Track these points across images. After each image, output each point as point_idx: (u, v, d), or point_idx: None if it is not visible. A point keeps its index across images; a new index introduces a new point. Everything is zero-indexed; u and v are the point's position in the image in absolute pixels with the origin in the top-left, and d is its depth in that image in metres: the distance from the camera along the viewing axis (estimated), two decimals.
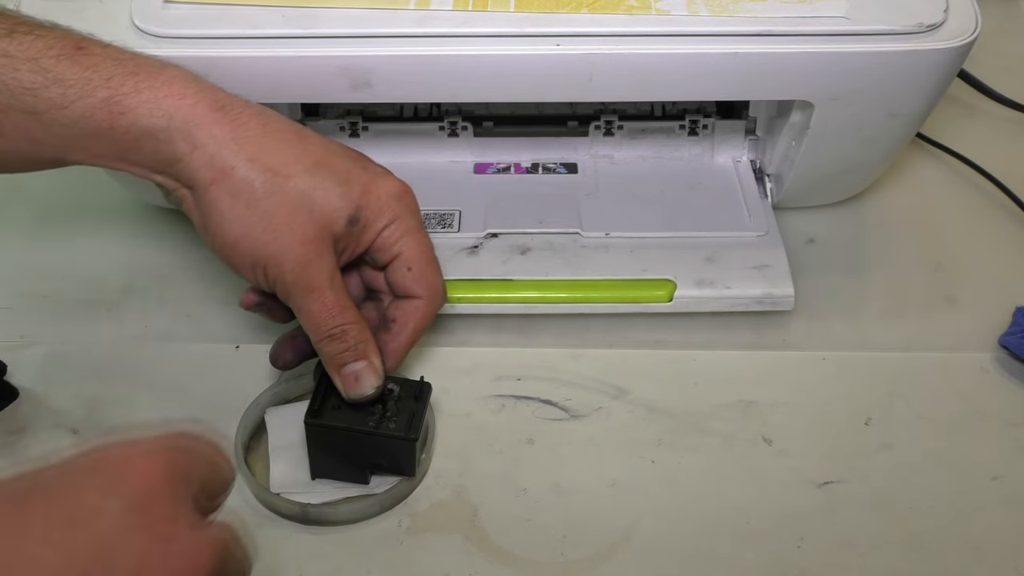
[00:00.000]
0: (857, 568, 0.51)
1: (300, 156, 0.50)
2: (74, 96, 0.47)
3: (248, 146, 0.49)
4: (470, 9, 0.56)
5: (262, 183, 0.49)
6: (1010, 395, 0.59)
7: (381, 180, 0.53)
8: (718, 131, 0.68)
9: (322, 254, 0.50)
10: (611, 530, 0.53)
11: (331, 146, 0.52)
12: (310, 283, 0.50)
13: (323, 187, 0.50)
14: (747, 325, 0.62)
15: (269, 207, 0.49)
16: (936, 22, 0.55)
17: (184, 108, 0.48)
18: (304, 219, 0.50)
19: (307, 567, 0.51)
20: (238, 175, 0.49)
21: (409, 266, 0.54)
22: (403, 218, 0.53)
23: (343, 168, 0.51)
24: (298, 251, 0.49)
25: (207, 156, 0.48)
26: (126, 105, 0.48)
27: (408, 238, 0.53)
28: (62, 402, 0.58)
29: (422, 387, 0.53)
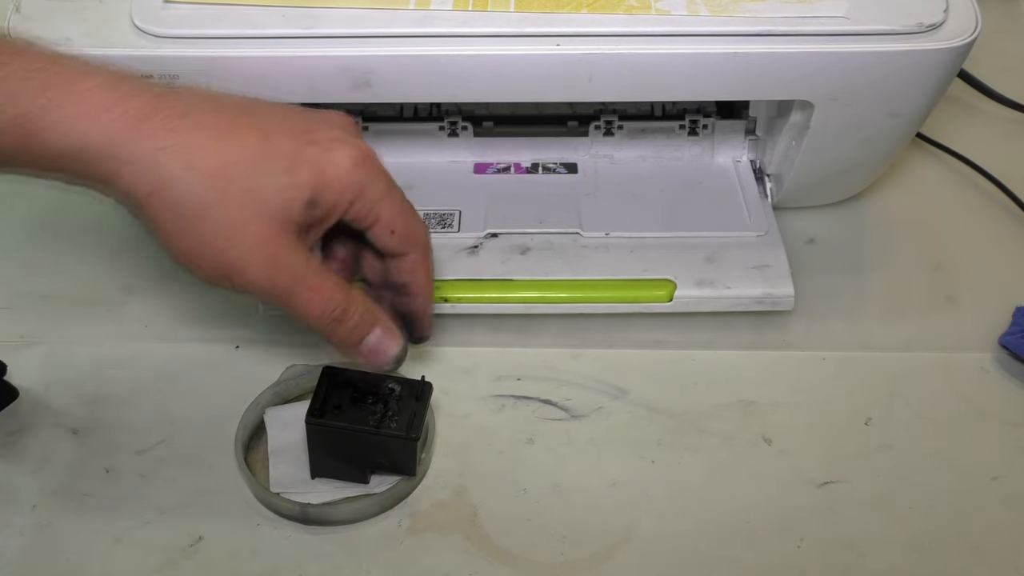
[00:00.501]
0: (857, 568, 0.51)
1: (239, 150, 0.46)
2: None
3: (179, 154, 0.45)
4: (470, 9, 0.56)
5: (203, 191, 0.45)
6: (1010, 395, 0.59)
7: (334, 153, 0.48)
8: (718, 131, 0.68)
9: (288, 248, 0.47)
10: (611, 530, 0.53)
11: (270, 124, 0.48)
12: (286, 282, 0.47)
13: (271, 179, 0.46)
14: (747, 325, 0.62)
15: (218, 215, 0.46)
16: (936, 22, 0.55)
17: (101, 126, 0.44)
18: (259, 218, 0.46)
19: (307, 567, 0.51)
20: (175, 188, 0.45)
21: (392, 229, 0.51)
22: (368, 186, 0.49)
23: (289, 150, 0.47)
24: (261, 254, 0.47)
25: (136, 173, 0.45)
26: (36, 126, 0.43)
27: (381, 203, 0.50)
28: (62, 402, 0.58)
29: (423, 387, 0.53)
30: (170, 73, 0.55)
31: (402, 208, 0.51)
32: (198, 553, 0.51)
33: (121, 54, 0.55)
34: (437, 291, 0.61)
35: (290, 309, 0.49)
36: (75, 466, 0.55)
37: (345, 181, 0.48)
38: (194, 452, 0.55)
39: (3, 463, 0.55)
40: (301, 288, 0.48)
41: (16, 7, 0.56)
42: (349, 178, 0.48)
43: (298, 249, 0.48)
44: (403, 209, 0.51)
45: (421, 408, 0.52)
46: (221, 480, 0.54)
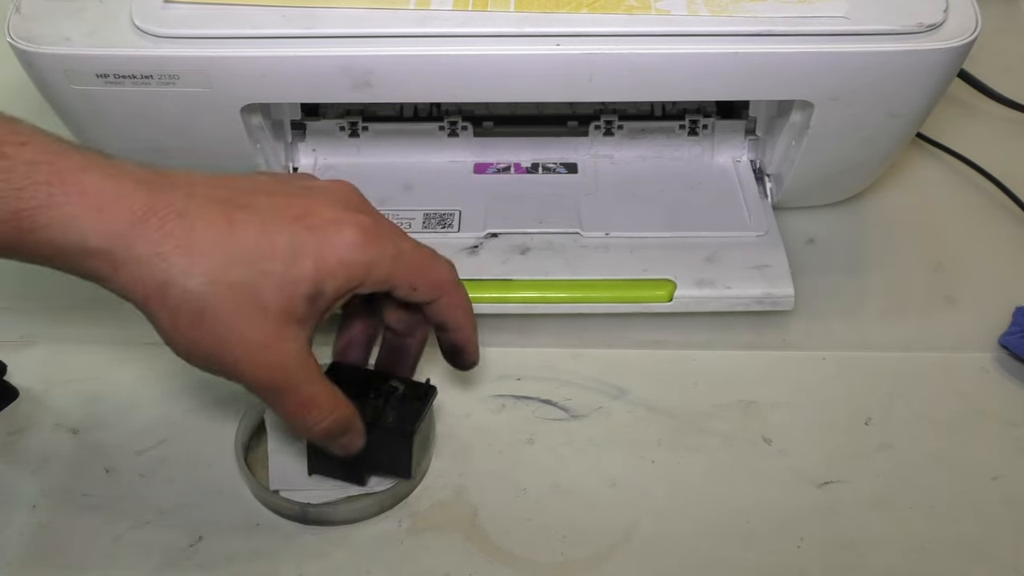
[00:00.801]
0: (857, 568, 0.51)
1: (235, 248, 0.45)
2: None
3: (176, 259, 0.44)
4: (470, 9, 0.56)
5: (200, 296, 0.44)
6: (1010, 395, 0.59)
7: (335, 239, 0.46)
8: (718, 131, 0.68)
9: (285, 351, 0.46)
10: (611, 530, 0.53)
11: (266, 214, 0.46)
12: (279, 387, 0.46)
13: (269, 277, 0.45)
14: (747, 325, 0.62)
15: (215, 318, 0.45)
16: (936, 22, 0.55)
17: (100, 227, 0.43)
18: (257, 319, 0.45)
19: (307, 567, 0.51)
20: (172, 294, 0.44)
21: (412, 287, 0.49)
22: (375, 263, 0.47)
23: (286, 242, 0.45)
24: (258, 357, 0.45)
25: (132, 277, 0.44)
26: (36, 222, 0.43)
27: (393, 272, 0.48)
28: (62, 402, 0.58)
29: (427, 389, 0.53)
30: (170, 73, 0.55)
31: (416, 264, 0.49)
32: (198, 553, 0.51)
33: (121, 54, 0.55)
34: None
35: (277, 410, 0.48)
36: (75, 466, 0.55)
37: (350, 267, 0.46)
38: (194, 452, 0.55)
39: (3, 463, 0.55)
40: (289, 395, 0.47)
41: (16, 7, 0.56)
42: (353, 262, 0.46)
43: (298, 347, 0.46)
44: (418, 264, 0.49)
45: (421, 408, 0.52)
46: (221, 480, 0.54)
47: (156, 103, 0.57)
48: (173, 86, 0.56)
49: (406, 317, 0.53)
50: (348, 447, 0.50)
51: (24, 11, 0.56)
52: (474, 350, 0.53)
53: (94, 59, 0.55)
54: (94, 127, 0.59)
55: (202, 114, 0.58)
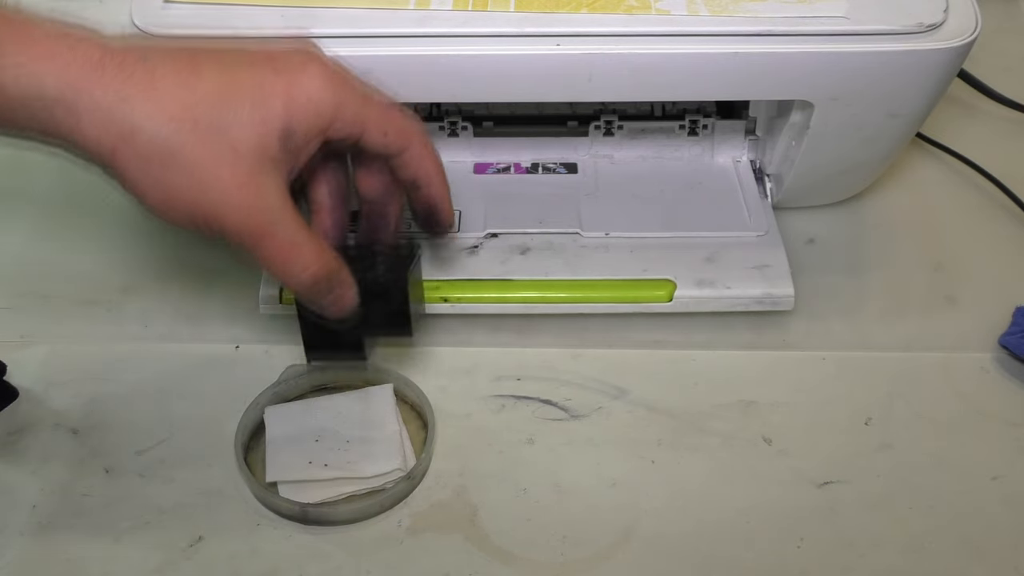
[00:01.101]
0: (857, 568, 0.51)
1: (202, 90, 0.44)
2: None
3: (141, 102, 0.43)
4: (470, 9, 0.56)
5: (170, 138, 0.43)
6: (1010, 395, 0.59)
7: (303, 76, 0.46)
8: (718, 131, 0.68)
9: (263, 192, 0.45)
10: (611, 530, 0.53)
11: (231, 58, 0.46)
12: (261, 230, 0.45)
13: (239, 117, 0.44)
14: (747, 325, 0.62)
15: (187, 161, 0.43)
16: (936, 22, 0.55)
17: (57, 71, 0.42)
18: (230, 160, 0.44)
19: (307, 567, 0.51)
20: (140, 138, 0.43)
21: (383, 131, 0.49)
22: (344, 103, 0.47)
23: (253, 83, 0.45)
24: (236, 198, 0.44)
25: (98, 126, 0.43)
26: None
27: (363, 114, 0.48)
28: (62, 402, 0.58)
29: (410, 246, 0.53)
30: None
31: (386, 109, 0.49)
32: (198, 553, 0.51)
33: None
34: (436, 291, 0.61)
35: (261, 258, 0.46)
36: (75, 466, 0.55)
37: (319, 104, 0.46)
38: (194, 452, 0.55)
39: (3, 463, 0.55)
40: (270, 240, 0.46)
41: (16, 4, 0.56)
42: (322, 100, 0.46)
43: (275, 191, 0.45)
44: (387, 110, 0.49)
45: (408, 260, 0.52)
46: (221, 480, 0.54)
47: None
48: None
49: (380, 184, 0.53)
50: (340, 303, 0.49)
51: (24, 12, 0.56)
52: (448, 209, 0.53)
53: None
54: None
55: None
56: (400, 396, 0.58)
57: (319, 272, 0.47)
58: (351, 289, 0.49)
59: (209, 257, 0.65)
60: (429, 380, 0.58)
